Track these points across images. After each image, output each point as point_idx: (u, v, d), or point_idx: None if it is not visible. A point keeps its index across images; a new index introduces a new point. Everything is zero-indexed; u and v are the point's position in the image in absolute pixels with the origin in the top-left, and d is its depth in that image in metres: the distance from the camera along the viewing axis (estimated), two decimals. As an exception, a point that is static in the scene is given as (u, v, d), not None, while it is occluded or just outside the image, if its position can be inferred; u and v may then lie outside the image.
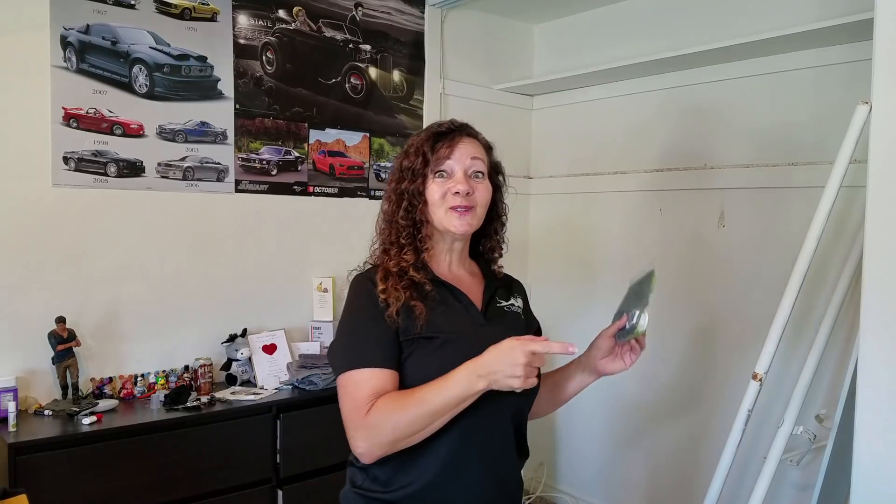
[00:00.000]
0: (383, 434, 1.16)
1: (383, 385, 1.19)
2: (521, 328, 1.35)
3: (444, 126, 1.34)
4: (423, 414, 1.14)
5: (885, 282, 1.50)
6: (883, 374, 1.51)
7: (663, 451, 2.95)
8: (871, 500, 1.53)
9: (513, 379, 1.09)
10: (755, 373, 1.98)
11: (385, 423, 1.15)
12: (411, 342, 1.22)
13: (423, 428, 1.15)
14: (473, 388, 1.12)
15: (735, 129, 2.69)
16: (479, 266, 1.43)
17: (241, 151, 2.58)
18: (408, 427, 1.14)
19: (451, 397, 1.13)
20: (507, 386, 1.10)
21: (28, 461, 1.84)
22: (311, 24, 2.74)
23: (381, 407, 1.16)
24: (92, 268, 2.29)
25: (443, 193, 1.28)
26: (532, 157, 3.51)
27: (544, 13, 3.32)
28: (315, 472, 2.30)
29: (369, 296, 1.26)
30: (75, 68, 2.22)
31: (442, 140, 1.31)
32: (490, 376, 1.10)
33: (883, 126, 1.52)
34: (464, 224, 1.28)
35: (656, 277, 1.26)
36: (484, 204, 1.32)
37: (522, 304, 1.42)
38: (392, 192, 1.34)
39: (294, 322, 2.72)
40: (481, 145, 1.36)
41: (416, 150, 1.32)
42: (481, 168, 1.32)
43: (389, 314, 1.22)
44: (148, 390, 2.32)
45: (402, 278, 1.27)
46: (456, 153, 1.30)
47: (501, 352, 1.10)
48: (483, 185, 1.32)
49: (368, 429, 1.16)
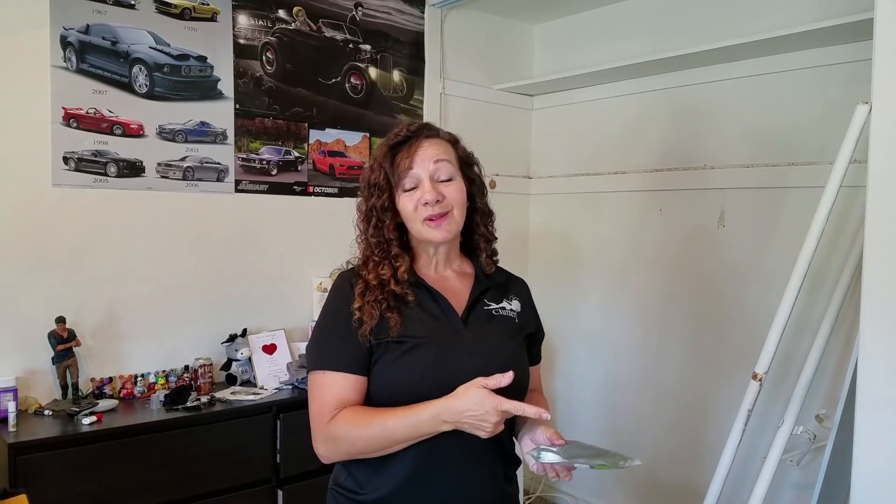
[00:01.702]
0: (342, 446, 1.21)
1: (347, 392, 1.22)
2: (508, 332, 1.31)
3: (400, 134, 1.29)
4: (383, 439, 1.17)
5: (885, 282, 1.50)
6: (883, 374, 1.51)
7: (663, 451, 2.95)
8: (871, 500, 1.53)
9: (480, 431, 1.11)
10: (755, 373, 1.98)
11: (344, 437, 1.19)
12: (382, 346, 1.22)
13: (382, 449, 1.19)
14: (437, 429, 1.14)
15: (735, 129, 2.69)
16: (473, 264, 1.37)
17: (241, 151, 2.58)
18: (366, 446, 1.19)
19: (413, 434, 1.16)
20: (473, 433, 1.12)
21: (28, 461, 1.84)
22: (311, 24, 2.74)
23: (342, 421, 1.19)
24: (92, 268, 2.29)
25: (414, 206, 1.25)
26: (532, 157, 3.51)
27: (544, 13, 3.32)
28: (315, 472, 2.29)
29: (346, 299, 1.25)
30: (75, 68, 2.22)
31: (400, 150, 1.27)
32: (456, 424, 1.12)
33: (883, 126, 1.52)
34: (441, 232, 1.25)
35: (616, 466, 1.12)
36: (459, 204, 1.27)
37: (520, 307, 1.37)
38: (362, 208, 1.32)
39: (294, 322, 2.72)
40: (444, 141, 1.30)
41: (378, 166, 1.29)
42: (448, 169, 1.27)
43: (362, 332, 1.21)
44: (148, 390, 2.32)
45: (382, 290, 1.25)
46: (417, 160, 1.25)
47: (472, 403, 1.10)
48: (454, 187, 1.27)
49: (329, 437, 1.21)
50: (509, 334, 1.31)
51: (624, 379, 3.09)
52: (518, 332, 1.33)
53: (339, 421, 1.19)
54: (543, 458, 1.17)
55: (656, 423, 2.98)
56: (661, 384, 2.94)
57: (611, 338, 3.15)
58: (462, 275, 1.36)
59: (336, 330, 1.25)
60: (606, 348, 3.16)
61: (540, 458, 1.17)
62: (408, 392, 1.18)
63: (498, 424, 1.10)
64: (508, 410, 1.09)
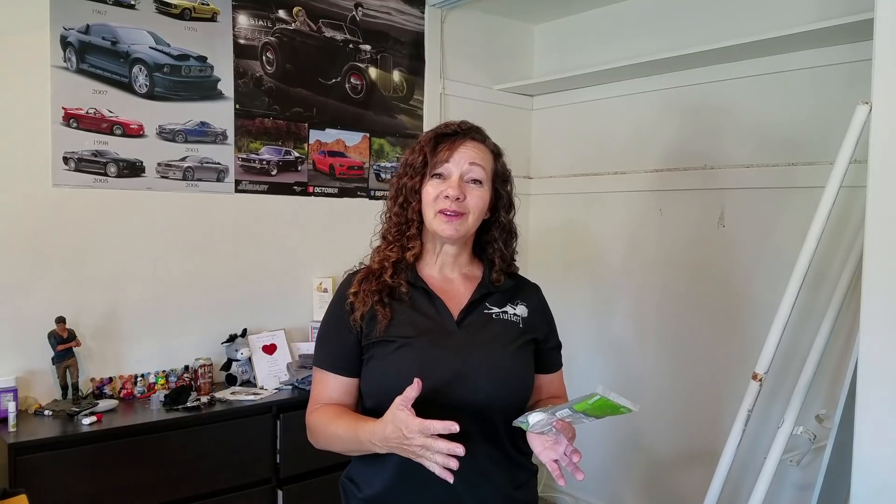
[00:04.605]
0: (318, 439, 1.29)
1: (329, 391, 1.30)
2: (507, 336, 1.30)
3: (451, 127, 1.32)
4: (337, 444, 1.24)
5: (885, 282, 1.50)
6: (883, 374, 1.51)
7: (663, 451, 2.95)
8: (872, 501, 1.53)
9: (416, 458, 1.07)
10: (755, 373, 1.98)
11: (315, 431, 1.29)
12: (371, 345, 1.26)
13: (347, 451, 1.26)
14: (371, 450, 1.16)
15: (735, 130, 2.69)
16: (483, 270, 1.37)
17: (241, 151, 2.58)
18: (334, 445, 1.26)
19: (357, 448, 1.21)
20: (416, 460, 1.08)
21: (28, 461, 1.84)
22: (311, 24, 2.74)
23: (317, 416, 1.28)
24: (92, 268, 2.29)
25: (436, 195, 1.27)
26: (532, 158, 3.51)
27: (544, 13, 3.32)
28: (315, 472, 2.29)
29: (339, 300, 1.31)
30: (75, 68, 2.22)
31: (444, 141, 1.30)
32: (388, 449, 1.12)
33: (883, 126, 1.52)
34: (450, 229, 1.26)
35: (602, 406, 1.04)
36: (477, 211, 1.28)
37: (527, 312, 1.35)
38: (394, 186, 1.35)
39: (294, 322, 2.72)
40: (488, 150, 1.33)
41: (420, 148, 1.31)
42: (479, 175, 1.28)
43: (354, 318, 1.26)
44: (148, 390, 2.32)
45: (378, 280, 1.27)
46: (455, 156, 1.28)
47: (392, 428, 1.08)
48: (478, 192, 1.28)
49: (308, 428, 1.31)
50: (508, 338, 1.30)
51: (624, 379, 3.09)
52: (519, 337, 1.31)
53: (315, 417, 1.29)
54: (531, 419, 1.14)
55: (656, 423, 2.98)
56: (661, 384, 2.94)
57: (611, 338, 3.15)
58: (469, 278, 1.36)
59: (328, 331, 1.32)
60: (606, 348, 3.16)
61: (529, 421, 1.14)
62: (397, 391, 1.17)
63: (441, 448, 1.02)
64: (419, 430, 1.03)
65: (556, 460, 1.15)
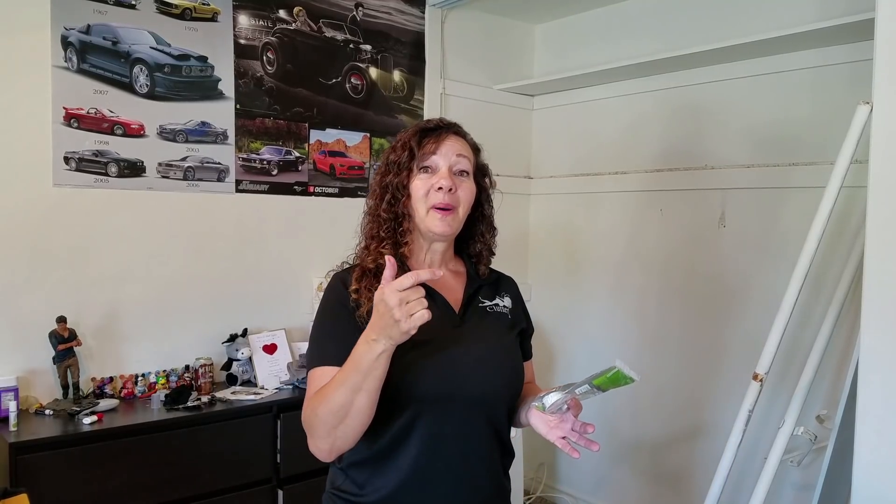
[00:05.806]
0: (317, 429, 1.16)
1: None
2: (504, 327, 1.33)
3: (432, 123, 1.34)
4: (340, 394, 1.11)
5: (885, 282, 1.50)
6: (884, 375, 1.51)
7: (663, 452, 2.95)
8: (872, 501, 1.53)
9: (399, 324, 1.03)
10: (755, 373, 1.98)
11: (313, 418, 1.16)
12: None
13: (347, 410, 1.11)
14: (375, 351, 1.07)
15: (735, 130, 2.69)
16: (465, 265, 1.39)
17: (242, 151, 2.58)
18: (332, 414, 1.12)
19: (356, 370, 1.09)
20: (401, 334, 1.04)
21: (29, 461, 1.84)
22: (311, 24, 2.74)
23: (308, 405, 1.18)
24: (93, 267, 2.29)
25: (426, 190, 1.27)
26: (532, 158, 3.51)
27: (544, 13, 3.32)
28: (315, 472, 2.28)
29: (338, 297, 1.27)
30: (76, 68, 2.22)
31: (429, 136, 1.31)
32: (381, 333, 1.06)
33: (884, 126, 1.52)
34: (444, 225, 1.27)
35: (616, 378, 1.10)
36: (466, 205, 1.30)
37: (511, 303, 1.39)
38: (377, 186, 1.33)
39: (294, 322, 2.72)
40: (469, 145, 1.35)
41: (403, 145, 1.31)
42: (466, 166, 1.30)
43: (360, 314, 1.21)
44: (148, 390, 2.32)
45: (376, 278, 1.24)
46: (442, 149, 1.28)
47: (376, 309, 1.06)
48: (467, 185, 1.30)
49: (307, 430, 1.18)
50: (504, 329, 1.33)
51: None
52: (512, 328, 1.35)
53: (305, 408, 1.18)
54: (547, 401, 1.16)
55: (656, 423, 2.98)
56: (662, 384, 2.94)
57: (611, 338, 3.15)
58: (455, 274, 1.37)
59: (327, 327, 1.27)
60: (606, 348, 3.16)
61: (545, 402, 1.16)
62: (412, 390, 1.18)
63: (412, 309, 1.02)
64: (401, 287, 1.02)
65: (563, 437, 1.18)
